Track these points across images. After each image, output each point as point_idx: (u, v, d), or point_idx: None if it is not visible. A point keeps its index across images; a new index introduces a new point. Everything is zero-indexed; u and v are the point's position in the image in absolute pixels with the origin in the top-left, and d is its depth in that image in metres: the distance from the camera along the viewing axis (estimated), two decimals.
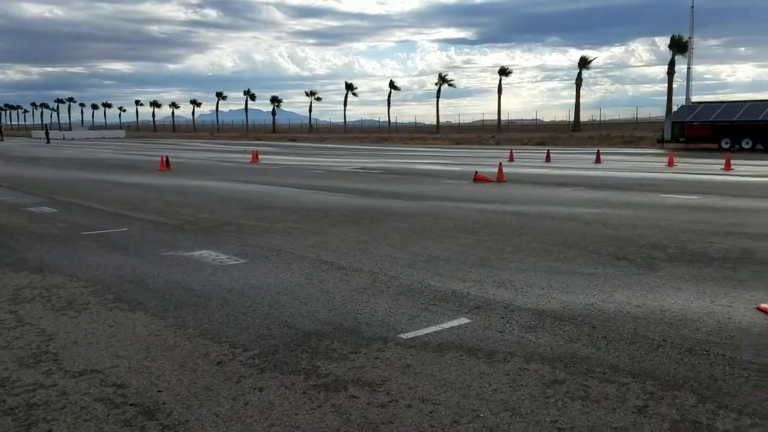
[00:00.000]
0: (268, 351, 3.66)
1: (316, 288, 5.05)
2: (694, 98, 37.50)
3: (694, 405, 2.87)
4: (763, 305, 4.37)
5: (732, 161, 19.00)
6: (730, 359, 3.43)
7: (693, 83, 48.05)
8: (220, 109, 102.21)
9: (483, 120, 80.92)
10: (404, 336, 3.87)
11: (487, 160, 23.47)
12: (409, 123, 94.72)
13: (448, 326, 4.06)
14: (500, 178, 15.25)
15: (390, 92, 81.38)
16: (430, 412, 2.85)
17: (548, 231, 7.80)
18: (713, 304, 4.48)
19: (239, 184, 14.48)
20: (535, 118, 77.42)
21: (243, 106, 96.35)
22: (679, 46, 47.83)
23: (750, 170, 17.76)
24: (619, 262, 5.96)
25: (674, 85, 50.45)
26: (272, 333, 3.99)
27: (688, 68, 41.11)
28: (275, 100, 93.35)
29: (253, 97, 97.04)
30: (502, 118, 71.28)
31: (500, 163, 16.25)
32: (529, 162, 23.35)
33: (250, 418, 2.81)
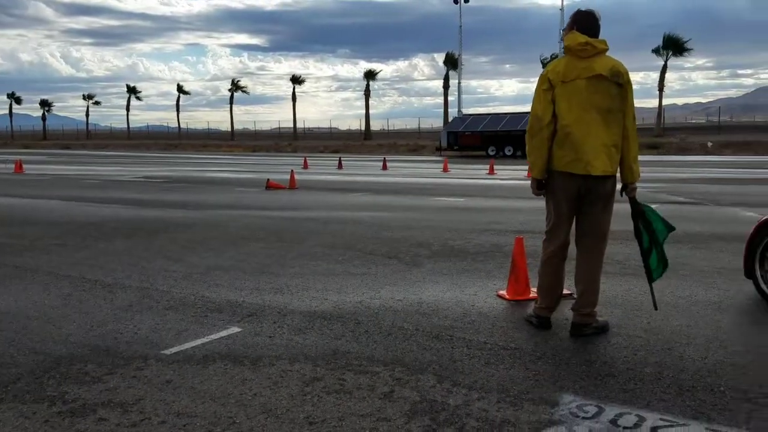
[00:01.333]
0: (9, 380, 3.31)
1: (74, 309, 4.67)
2: (466, 110, 41.56)
3: (433, 386, 3.20)
4: (501, 292, 5.00)
5: (495, 166, 21.41)
6: (469, 341, 3.88)
7: (466, 96, 53.86)
8: None
9: (279, 127, 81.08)
10: (167, 352, 3.75)
11: (282, 167, 23.57)
12: (203, 129, 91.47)
13: (216, 337, 4.02)
14: (292, 185, 15.43)
15: (179, 97, 77.69)
16: (184, 425, 2.80)
17: (332, 235, 8.08)
18: (462, 294, 5.03)
19: None
20: (330, 126, 79.60)
21: (7, 111, 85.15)
22: (452, 62, 52.43)
23: (509, 174, 20.13)
24: (390, 261, 6.39)
25: (450, 98, 55.19)
26: (15, 361, 3.61)
27: (459, 83, 45.46)
28: (45, 104, 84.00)
29: (18, 101, 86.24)
30: (299, 126, 72.14)
31: (292, 171, 16.44)
32: (322, 169, 23.92)
33: None
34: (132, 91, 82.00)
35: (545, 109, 3.82)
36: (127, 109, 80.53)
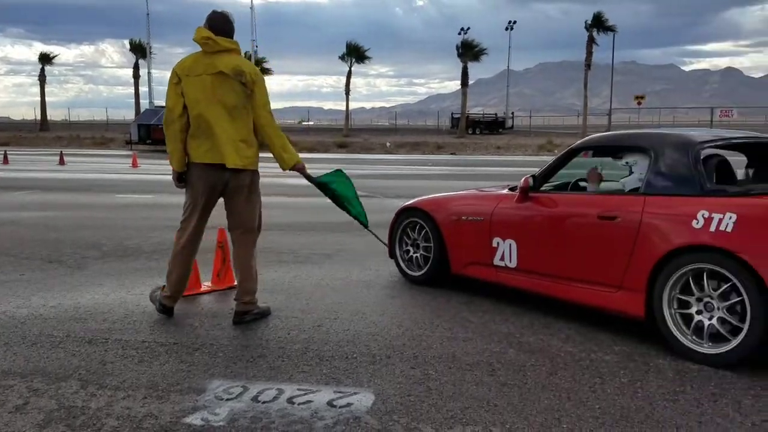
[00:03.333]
0: None
1: None
2: (159, 102, 39.53)
3: (76, 392, 3.02)
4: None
5: None
6: (126, 342, 3.75)
7: (161, 88, 50.62)
8: None
9: None
10: None
11: None
12: None
13: None
14: None
15: None
16: None
17: None
18: (128, 294, 4.82)
19: None
20: None
21: None
22: (140, 50, 49.15)
23: None
24: (50, 266, 5.79)
25: (143, 89, 51.87)
26: None
27: (149, 72, 42.89)
28: None
29: None
30: None
31: None
32: None
33: None
34: None
35: (175, 102, 3.95)
36: None
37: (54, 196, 11.82)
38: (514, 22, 57.61)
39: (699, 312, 3.44)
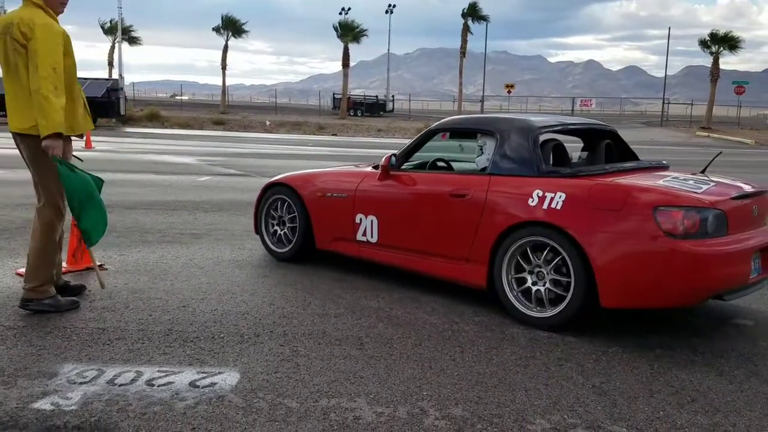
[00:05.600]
0: None
1: None
2: None
3: None
4: (21, 270, 4.55)
5: None
6: None
7: None
8: None
9: None
10: None
11: None
12: None
13: None
14: None
15: None
16: None
17: None
18: None
19: None
20: None
21: None
22: None
23: None
24: None
25: None
26: None
27: None
28: None
29: None
30: None
31: None
32: None
33: None
34: None
35: None
36: None
37: None
38: (394, 6, 58.32)
39: (534, 283, 3.79)
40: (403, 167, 4.61)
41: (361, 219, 4.63)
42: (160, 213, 7.33)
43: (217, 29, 46.45)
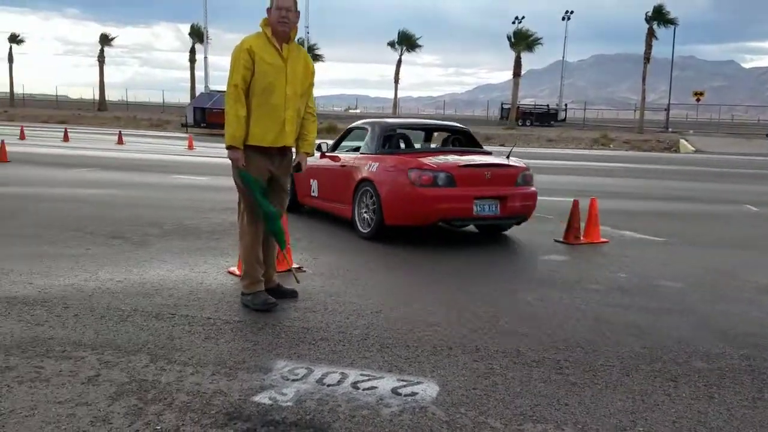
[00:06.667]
0: None
1: None
2: (215, 87, 40.11)
3: (146, 365, 3.08)
4: (232, 269, 4.99)
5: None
6: (192, 318, 3.81)
7: (216, 73, 51.31)
8: None
9: None
10: None
11: None
12: None
13: None
14: (2, 158, 13.46)
15: None
16: None
17: (46, 214, 7.24)
18: (191, 272, 4.90)
19: None
20: (56, 93, 70.50)
21: None
22: (198, 35, 49.78)
23: None
24: (113, 241, 5.94)
25: (199, 73, 52.70)
26: None
27: (205, 57, 43.43)
28: None
29: None
30: (19, 91, 62.66)
31: (2, 141, 14.25)
32: (44, 141, 21.22)
33: None
34: None
35: None
36: None
37: (113, 174, 12.16)
38: (572, 12, 56.16)
39: (366, 212, 6.45)
40: (334, 152, 7.54)
41: (312, 182, 7.63)
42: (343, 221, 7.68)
43: (392, 44, 48.13)
